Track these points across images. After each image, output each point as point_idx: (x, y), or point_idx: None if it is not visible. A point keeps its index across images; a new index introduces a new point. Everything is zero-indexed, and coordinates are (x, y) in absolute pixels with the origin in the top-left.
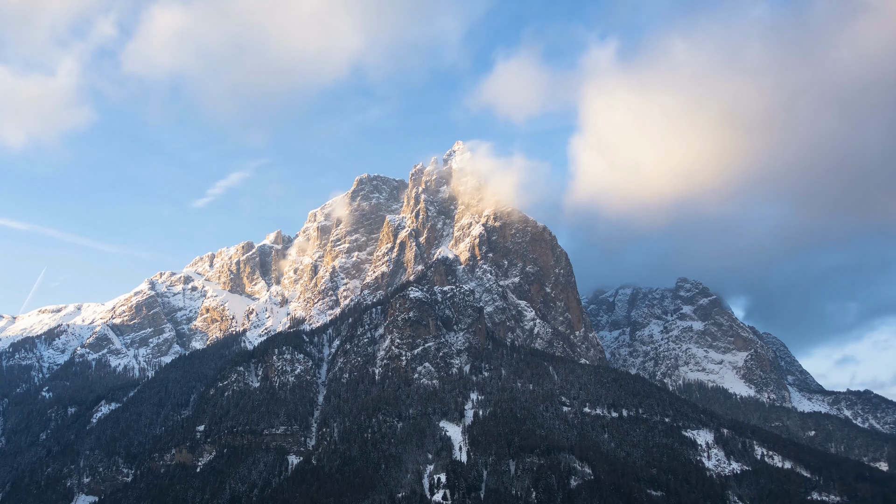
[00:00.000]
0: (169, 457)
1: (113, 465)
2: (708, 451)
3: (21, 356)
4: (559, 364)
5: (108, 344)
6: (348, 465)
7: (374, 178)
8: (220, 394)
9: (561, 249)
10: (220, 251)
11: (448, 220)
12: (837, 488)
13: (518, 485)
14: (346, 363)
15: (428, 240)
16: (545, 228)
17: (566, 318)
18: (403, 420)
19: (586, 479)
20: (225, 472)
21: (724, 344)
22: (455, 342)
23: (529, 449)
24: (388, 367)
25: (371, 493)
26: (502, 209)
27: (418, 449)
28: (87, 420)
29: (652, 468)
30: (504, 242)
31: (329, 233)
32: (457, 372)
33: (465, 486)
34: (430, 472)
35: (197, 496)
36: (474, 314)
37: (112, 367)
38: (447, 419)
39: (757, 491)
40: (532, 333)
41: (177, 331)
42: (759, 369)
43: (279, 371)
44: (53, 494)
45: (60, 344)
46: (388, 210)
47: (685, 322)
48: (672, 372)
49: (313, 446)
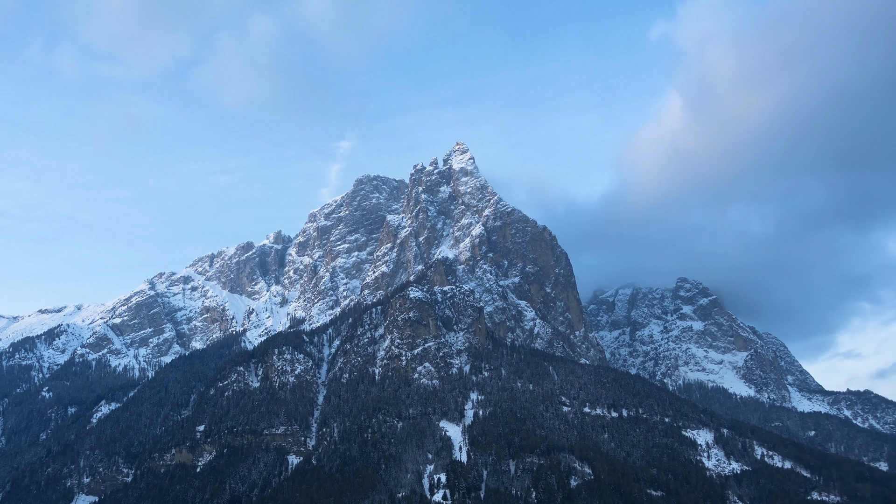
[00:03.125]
0: (169, 457)
1: (113, 465)
2: (708, 451)
3: (21, 356)
4: (559, 364)
5: (108, 344)
6: (348, 465)
7: (374, 178)
8: (220, 394)
9: (561, 249)
10: (220, 251)
11: (448, 220)
12: (837, 488)
13: (518, 485)
14: (346, 363)
15: (428, 240)
16: (545, 228)
17: (566, 318)
18: (403, 420)
19: (586, 479)
20: (225, 472)
21: (724, 344)
22: (455, 342)
23: (529, 449)
24: (388, 367)
25: (371, 493)
26: (502, 209)
27: (418, 449)
28: (87, 420)
29: (652, 468)
30: (504, 242)
31: (329, 233)
32: (457, 372)
33: (465, 486)
34: (430, 472)
35: (197, 496)
36: (474, 314)
37: (112, 367)
38: (447, 419)
39: (757, 491)
40: (532, 333)
41: (177, 331)
42: (759, 369)
43: (279, 371)
44: (53, 494)
45: (60, 344)
46: (388, 210)
47: (685, 322)
48: (672, 372)
49: (313, 446)
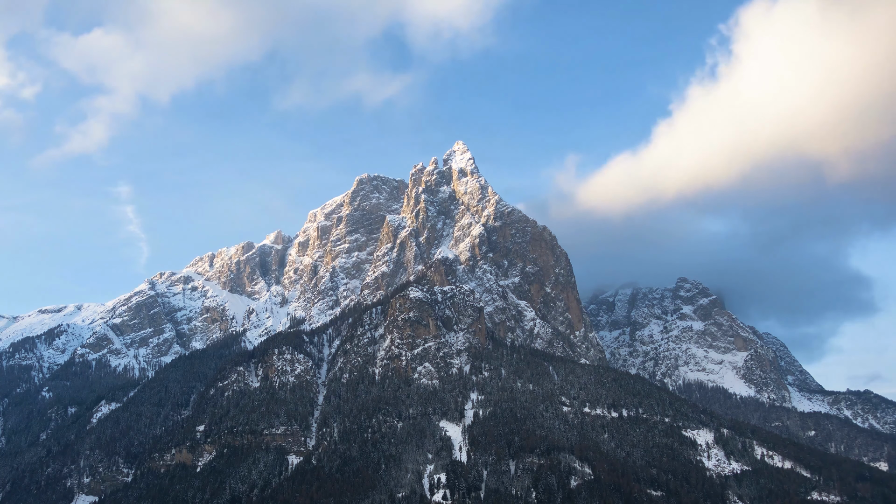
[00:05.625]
0: (169, 457)
1: (113, 465)
2: (708, 451)
3: (21, 356)
4: (559, 364)
5: (108, 344)
6: (348, 465)
7: (374, 178)
8: (220, 394)
9: (561, 249)
10: (220, 251)
11: (448, 220)
12: (837, 488)
13: (518, 485)
14: (346, 363)
15: (428, 240)
16: (545, 228)
17: (566, 318)
18: (403, 420)
19: (586, 479)
20: (225, 472)
21: (724, 344)
22: (455, 342)
23: (529, 449)
24: (388, 367)
25: (371, 493)
26: (502, 209)
27: (418, 449)
28: (87, 420)
29: (652, 468)
30: (504, 242)
31: (329, 233)
32: (457, 372)
33: (465, 486)
34: (430, 472)
35: (197, 496)
36: (474, 314)
37: (112, 367)
38: (447, 419)
39: (757, 491)
40: (532, 333)
41: (177, 331)
42: (759, 369)
43: (279, 371)
44: (53, 494)
45: (60, 344)
46: (388, 210)
47: (685, 322)
48: (672, 372)
49: (313, 446)
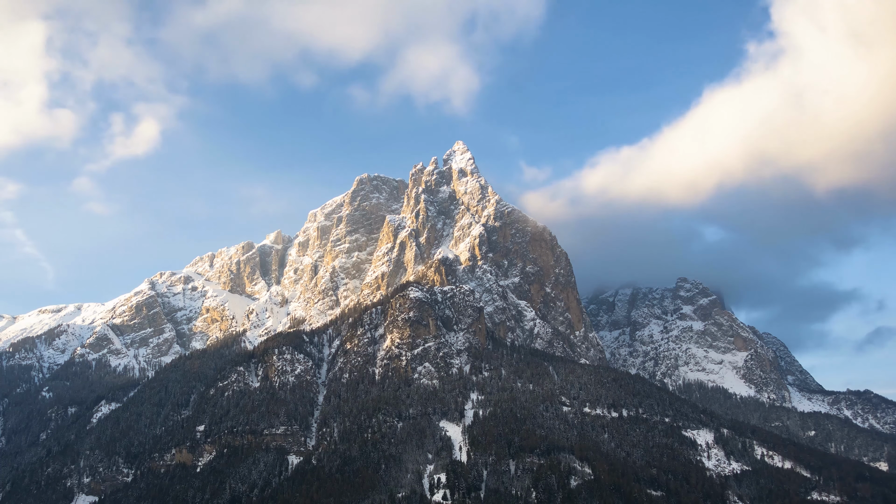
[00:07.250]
0: (169, 457)
1: (113, 465)
2: (708, 451)
3: (21, 356)
4: (559, 364)
5: (108, 344)
6: (348, 465)
7: (374, 178)
8: (220, 394)
9: (561, 249)
10: (220, 251)
11: (448, 220)
12: (837, 488)
13: (518, 485)
14: (346, 363)
15: (428, 240)
16: (545, 228)
17: (566, 318)
18: (403, 420)
19: (586, 479)
20: (225, 472)
21: (723, 344)
22: (455, 342)
23: (529, 449)
24: (388, 367)
25: (371, 493)
26: (502, 209)
27: (418, 449)
28: (87, 420)
29: (652, 468)
30: (504, 242)
31: (329, 233)
32: (457, 372)
33: (465, 486)
34: (430, 472)
35: (197, 496)
36: (474, 314)
37: (112, 367)
38: (447, 419)
39: (757, 491)
40: (532, 333)
41: (177, 331)
42: (759, 369)
43: (279, 371)
44: (53, 494)
45: (60, 344)
46: (388, 210)
47: (685, 322)
48: (672, 372)
49: (313, 446)
